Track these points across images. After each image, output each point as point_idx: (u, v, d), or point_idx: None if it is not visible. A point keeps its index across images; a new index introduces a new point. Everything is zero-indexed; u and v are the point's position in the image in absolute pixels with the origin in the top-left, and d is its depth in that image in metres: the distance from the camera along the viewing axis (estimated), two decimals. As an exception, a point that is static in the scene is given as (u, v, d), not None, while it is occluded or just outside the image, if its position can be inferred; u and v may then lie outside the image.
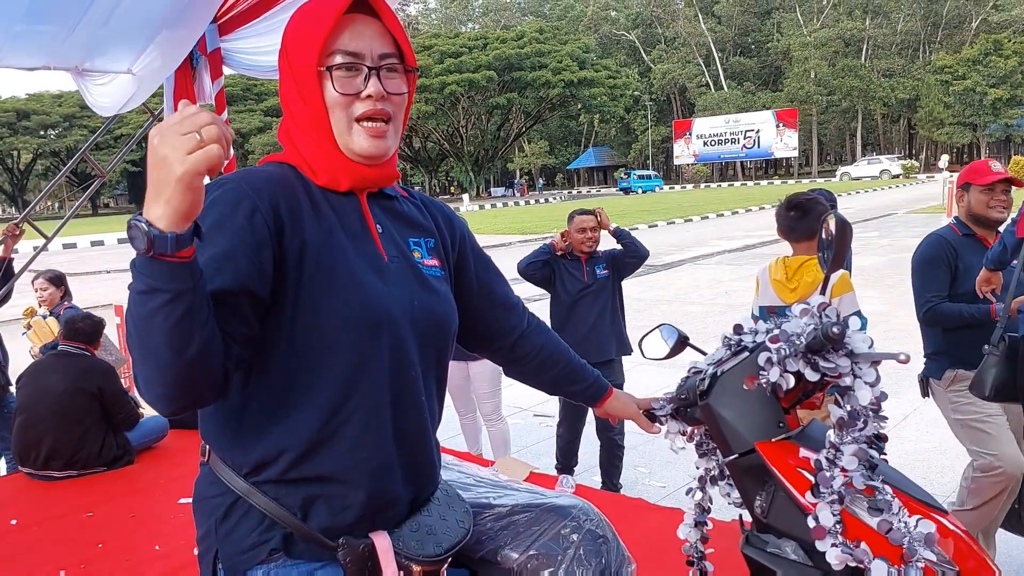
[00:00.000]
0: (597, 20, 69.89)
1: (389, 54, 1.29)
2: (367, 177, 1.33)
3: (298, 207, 1.26)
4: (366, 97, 1.26)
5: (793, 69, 57.95)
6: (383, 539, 1.30)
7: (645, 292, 11.66)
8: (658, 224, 24.79)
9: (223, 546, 1.28)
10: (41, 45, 3.94)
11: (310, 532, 1.26)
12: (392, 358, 1.29)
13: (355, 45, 1.26)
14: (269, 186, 1.25)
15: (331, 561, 1.28)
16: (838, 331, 1.29)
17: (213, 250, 1.15)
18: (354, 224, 1.32)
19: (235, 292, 1.15)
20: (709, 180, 61.61)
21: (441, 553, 1.35)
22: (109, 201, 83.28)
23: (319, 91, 1.27)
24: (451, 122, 55.63)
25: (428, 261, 1.41)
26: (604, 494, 3.90)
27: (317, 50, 1.25)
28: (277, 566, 1.26)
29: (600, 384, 1.73)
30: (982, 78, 48.54)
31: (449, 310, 1.42)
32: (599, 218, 4.20)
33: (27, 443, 4.08)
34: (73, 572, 3.05)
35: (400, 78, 1.32)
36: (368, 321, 1.25)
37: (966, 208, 3.15)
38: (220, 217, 1.18)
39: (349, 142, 1.29)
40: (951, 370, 3.09)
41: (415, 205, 1.49)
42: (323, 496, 1.26)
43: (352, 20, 1.27)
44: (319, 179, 1.31)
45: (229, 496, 1.27)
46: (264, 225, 1.20)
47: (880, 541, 1.28)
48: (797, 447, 1.41)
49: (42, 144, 63.11)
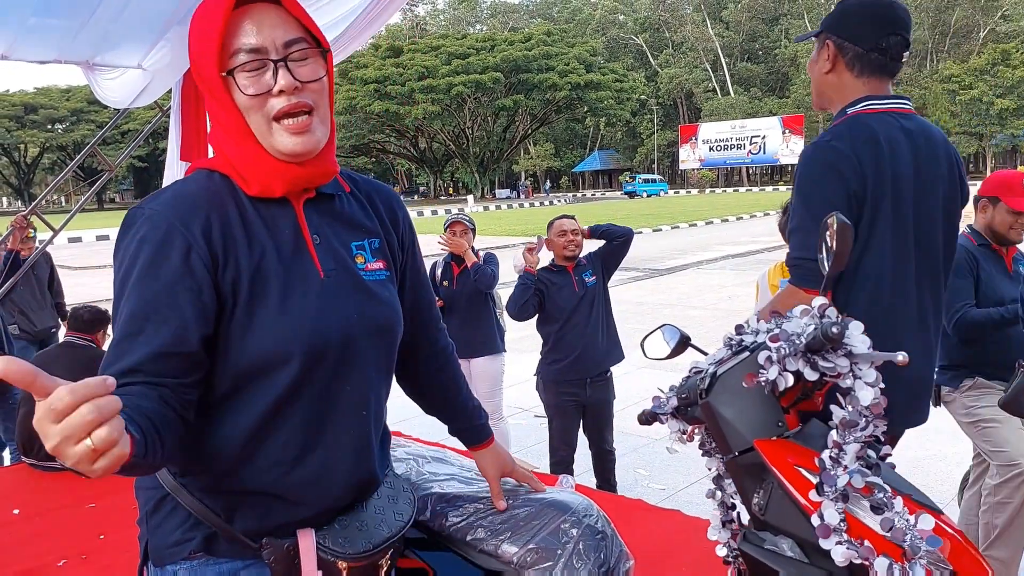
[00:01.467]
0: (605, 23, 69.98)
1: (295, 39, 1.19)
2: (300, 176, 1.23)
3: (230, 232, 1.19)
4: (279, 92, 1.17)
5: (800, 76, 57.83)
6: (307, 537, 1.27)
7: (648, 296, 11.68)
8: (662, 228, 24.80)
9: (152, 538, 1.29)
10: (53, 39, 3.96)
11: (234, 533, 1.24)
12: (327, 379, 1.25)
13: (254, 40, 1.16)
14: (199, 213, 1.18)
15: (256, 560, 1.27)
16: (837, 331, 1.30)
17: (153, 299, 1.12)
18: (288, 240, 1.24)
19: (186, 339, 1.13)
20: (714, 185, 61.59)
21: (370, 549, 1.31)
22: (115, 196, 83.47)
23: (228, 96, 1.18)
24: (457, 123, 55.68)
25: (372, 265, 1.34)
26: (603, 494, 3.91)
27: (215, 53, 1.16)
28: (200, 564, 1.26)
29: (479, 433, 1.65)
30: (989, 88, 48.47)
31: (394, 316, 1.36)
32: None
33: (31, 434, 4.08)
34: (74, 562, 3.07)
35: (314, 63, 1.21)
36: (300, 349, 1.20)
37: (987, 221, 3.07)
38: (154, 258, 1.14)
39: (273, 143, 1.19)
40: (970, 379, 3.04)
41: (359, 200, 1.39)
42: (247, 503, 1.25)
43: (246, 12, 1.17)
44: (251, 189, 1.23)
45: (159, 491, 1.27)
46: (200, 263, 1.15)
47: (881, 540, 1.29)
48: (796, 446, 1.42)
49: (49, 138, 63.34)
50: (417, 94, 50.40)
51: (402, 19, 75.62)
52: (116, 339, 1.13)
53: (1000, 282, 3.04)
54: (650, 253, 17.80)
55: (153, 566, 1.29)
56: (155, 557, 1.28)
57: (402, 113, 51.27)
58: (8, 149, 65.48)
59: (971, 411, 3.03)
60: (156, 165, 60.28)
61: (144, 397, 1.06)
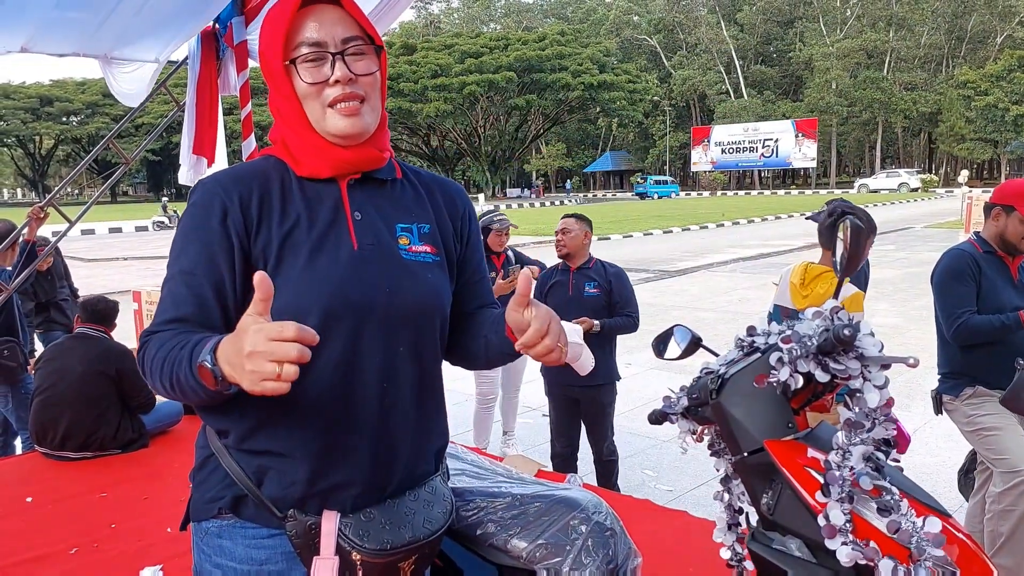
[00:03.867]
0: (619, 24, 69.83)
1: (352, 37, 1.32)
2: (346, 159, 1.35)
3: (268, 202, 1.33)
4: (334, 82, 1.30)
5: (814, 79, 57.69)
6: (330, 520, 1.32)
7: (658, 297, 11.67)
8: (673, 230, 24.75)
9: (195, 492, 1.40)
10: (73, 32, 4.01)
11: (261, 497, 1.32)
12: (347, 346, 1.31)
13: (316, 35, 1.30)
14: (241, 183, 1.34)
15: (280, 531, 1.34)
16: (849, 333, 1.31)
17: (196, 256, 1.30)
18: (326, 214, 1.35)
19: (224, 292, 1.29)
20: (726, 188, 61.43)
21: (386, 548, 1.33)
22: (128, 189, 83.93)
23: (290, 85, 1.32)
24: (469, 122, 55.73)
25: (416, 247, 1.40)
26: (611, 494, 3.92)
27: (280, 45, 1.30)
28: (229, 525, 1.35)
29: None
30: (1005, 94, 48.16)
31: (431, 295, 1.40)
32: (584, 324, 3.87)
33: (44, 423, 4.14)
34: (85, 550, 3.10)
35: (368, 59, 1.34)
36: (318, 306, 1.28)
37: (999, 230, 3.01)
38: (199, 220, 1.31)
39: (325, 125, 1.32)
40: (970, 387, 3.03)
41: (415, 188, 1.48)
42: (273, 468, 1.32)
43: (310, 12, 1.31)
44: (301, 169, 1.36)
45: (207, 450, 1.38)
46: (233, 227, 1.30)
47: (887, 541, 1.30)
48: (805, 447, 1.43)
49: (64, 130, 63.76)
50: (430, 92, 50.45)
51: (416, 17, 75.74)
52: (168, 291, 1.30)
53: (1003, 290, 3.00)
54: (661, 255, 17.78)
55: (193, 521, 1.41)
56: (194, 511, 1.40)
57: (414, 111, 51.35)
58: (23, 141, 65.93)
59: (972, 419, 3.02)
60: (169, 158, 60.55)
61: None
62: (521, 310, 1.25)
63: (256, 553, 1.34)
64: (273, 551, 1.34)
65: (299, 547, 1.32)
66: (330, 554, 1.31)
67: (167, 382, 1.19)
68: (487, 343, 1.44)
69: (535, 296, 3.82)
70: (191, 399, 1.21)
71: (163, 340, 1.22)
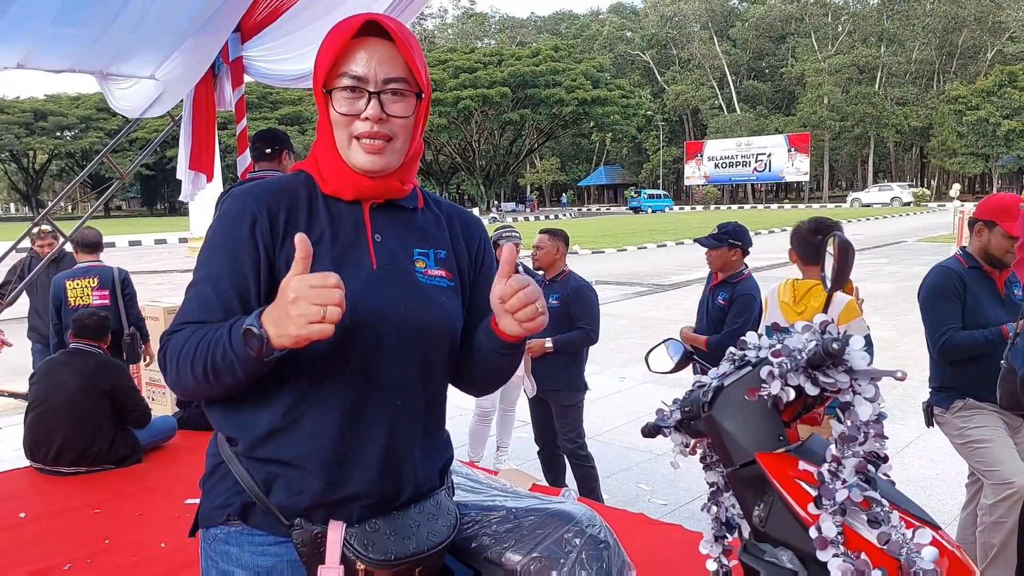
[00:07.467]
0: (612, 40, 70.31)
1: (396, 78, 1.34)
2: (368, 188, 1.40)
3: (295, 215, 1.38)
4: (364, 119, 1.33)
5: (807, 94, 58.09)
6: (336, 530, 1.34)
7: (651, 311, 11.69)
8: (667, 244, 24.82)
9: (204, 499, 1.43)
10: (69, 48, 4.02)
11: (269, 505, 1.35)
12: (362, 360, 1.34)
13: (360, 69, 1.32)
14: (270, 196, 1.38)
15: (287, 539, 1.36)
16: (838, 347, 1.33)
17: (224, 261, 1.35)
18: (348, 232, 1.40)
19: (248, 299, 1.33)
20: (719, 202, 61.65)
21: (390, 559, 1.35)
22: (121, 203, 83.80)
23: (326, 109, 1.37)
24: (464, 136, 55.87)
25: (432, 271, 1.45)
26: (604, 508, 3.92)
27: (325, 71, 1.34)
28: (236, 531, 1.38)
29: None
30: (996, 109, 48.57)
31: (443, 316, 1.43)
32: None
33: (38, 438, 4.13)
34: (79, 566, 3.09)
35: (405, 102, 1.36)
36: (339, 324, 1.25)
37: (982, 244, 3.03)
38: (228, 228, 1.36)
39: (349, 155, 1.37)
40: (960, 400, 3.06)
41: (434, 216, 1.53)
42: (282, 476, 1.35)
43: (363, 43, 1.33)
44: (326, 187, 1.41)
45: (217, 458, 1.41)
46: (261, 236, 1.35)
47: (878, 553, 1.31)
48: (796, 459, 1.44)
49: (58, 145, 63.63)
50: (425, 106, 50.49)
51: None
52: (194, 293, 1.35)
53: (989, 306, 3.02)
54: (654, 268, 17.81)
55: (202, 527, 1.44)
56: (203, 517, 1.43)
57: (409, 125, 51.35)
58: (17, 155, 65.79)
59: (963, 432, 3.04)
60: (163, 173, 60.54)
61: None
62: (505, 280, 1.29)
63: (262, 560, 1.37)
64: (279, 559, 1.37)
65: (304, 555, 1.35)
66: (335, 563, 1.33)
67: (199, 366, 1.24)
68: (479, 345, 1.47)
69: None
70: (225, 380, 1.25)
71: (191, 331, 1.28)
